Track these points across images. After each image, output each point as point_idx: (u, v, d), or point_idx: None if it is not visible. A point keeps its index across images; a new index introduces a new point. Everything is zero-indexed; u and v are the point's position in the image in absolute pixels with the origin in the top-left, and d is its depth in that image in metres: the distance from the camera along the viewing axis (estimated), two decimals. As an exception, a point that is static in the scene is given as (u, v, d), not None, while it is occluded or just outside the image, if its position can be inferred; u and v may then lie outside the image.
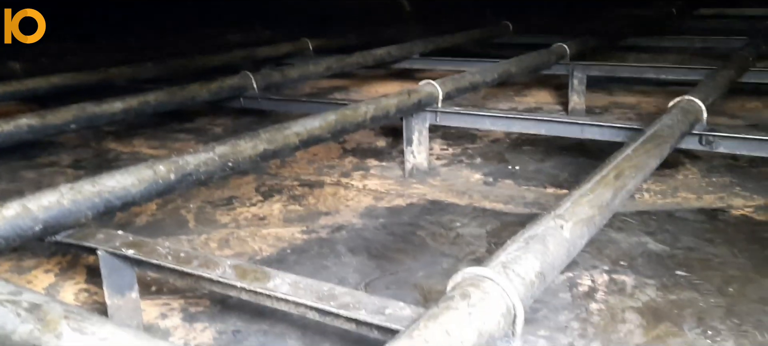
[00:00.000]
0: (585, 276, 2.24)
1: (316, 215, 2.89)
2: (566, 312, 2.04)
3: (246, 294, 1.64)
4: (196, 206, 3.01)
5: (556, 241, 1.59)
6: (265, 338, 1.96)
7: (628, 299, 2.09)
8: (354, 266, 2.39)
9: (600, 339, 1.89)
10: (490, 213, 2.86)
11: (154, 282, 2.29)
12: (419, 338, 1.16)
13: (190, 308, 2.14)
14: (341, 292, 1.54)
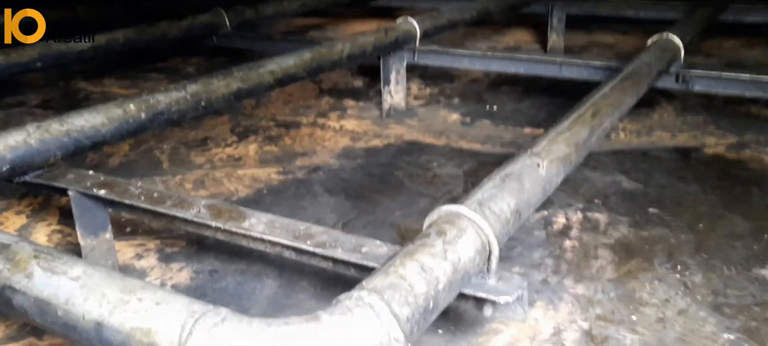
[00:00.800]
0: (560, 214, 2.27)
1: (292, 155, 2.86)
2: (541, 249, 2.07)
3: (221, 234, 1.62)
4: (169, 147, 2.96)
5: (532, 179, 1.59)
6: (242, 278, 1.96)
7: (601, 236, 2.13)
8: (331, 207, 2.39)
9: (573, 275, 1.92)
10: (468, 153, 2.86)
11: (129, 223, 2.27)
12: (395, 274, 1.16)
13: (166, 248, 2.13)
14: (318, 231, 1.54)
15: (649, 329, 1.68)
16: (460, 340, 1.67)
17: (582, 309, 1.77)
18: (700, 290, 1.83)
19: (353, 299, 1.09)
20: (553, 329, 1.70)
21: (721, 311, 1.74)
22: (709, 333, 1.66)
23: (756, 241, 2.06)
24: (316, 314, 1.05)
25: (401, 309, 1.10)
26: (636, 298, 1.81)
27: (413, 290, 1.15)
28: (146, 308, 1.06)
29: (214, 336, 0.99)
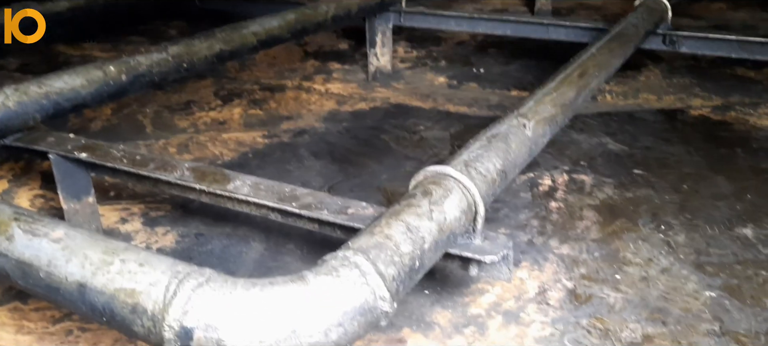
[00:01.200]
0: (546, 176, 2.28)
1: (277, 119, 2.83)
2: (526, 211, 2.08)
3: (206, 197, 1.61)
4: (152, 111, 2.92)
5: (518, 139, 1.58)
6: (228, 241, 1.95)
7: (587, 198, 2.14)
8: (317, 170, 2.38)
9: (558, 236, 1.94)
10: (454, 116, 2.85)
11: (113, 187, 2.24)
12: (380, 234, 1.16)
13: (150, 212, 2.11)
14: (303, 193, 1.53)
15: (633, 288, 1.70)
16: (446, 300, 1.68)
17: (567, 269, 1.79)
18: (683, 249, 1.85)
19: (339, 259, 1.09)
20: (537, 289, 1.72)
21: (704, 270, 1.76)
22: (691, 291, 1.68)
23: (739, 201, 2.08)
24: (301, 273, 1.05)
25: (387, 269, 1.10)
26: (620, 257, 1.83)
27: (399, 249, 1.15)
28: (129, 269, 1.05)
29: (198, 296, 0.98)
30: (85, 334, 1.59)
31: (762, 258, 1.80)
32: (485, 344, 1.54)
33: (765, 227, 1.94)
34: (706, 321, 1.58)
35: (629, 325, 1.58)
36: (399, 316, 1.62)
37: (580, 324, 1.59)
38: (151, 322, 1.00)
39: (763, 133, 2.56)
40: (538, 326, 1.59)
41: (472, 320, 1.61)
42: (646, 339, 1.53)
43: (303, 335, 0.98)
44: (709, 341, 1.51)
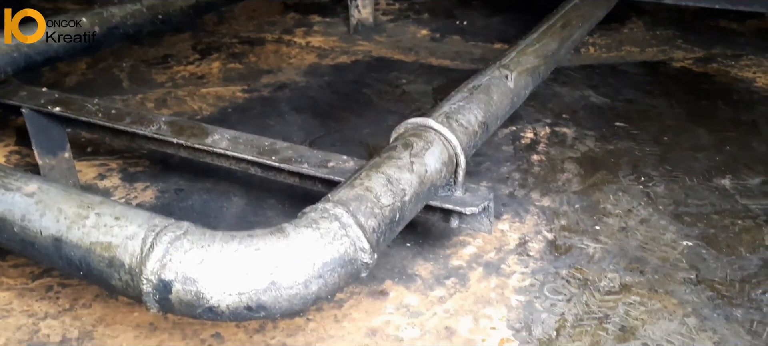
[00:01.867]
0: (528, 129, 2.27)
1: (257, 73, 2.79)
2: (508, 164, 2.08)
3: (184, 151, 1.59)
4: (129, 65, 2.85)
5: (500, 91, 1.57)
6: (208, 196, 1.94)
7: (568, 150, 2.14)
8: (298, 125, 2.35)
9: (539, 188, 1.94)
10: (437, 70, 2.82)
11: (90, 143, 2.20)
12: (361, 186, 1.15)
13: (129, 168, 2.08)
14: (283, 146, 1.51)
15: (612, 238, 1.72)
16: (428, 252, 1.69)
17: (547, 221, 1.80)
18: (662, 200, 1.86)
19: (319, 211, 1.08)
20: (518, 240, 1.73)
21: (682, 220, 1.78)
22: (669, 241, 1.71)
23: (718, 152, 2.10)
24: (281, 226, 1.04)
25: (367, 220, 1.10)
26: (600, 209, 1.84)
27: (379, 201, 1.15)
28: (105, 222, 1.04)
29: (176, 249, 0.98)
30: (66, 289, 1.58)
31: (739, 208, 1.82)
32: (466, 295, 1.55)
33: (743, 177, 1.96)
34: (683, 270, 1.60)
35: (608, 275, 1.60)
36: (381, 268, 1.62)
37: (559, 274, 1.60)
38: (129, 276, 1.00)
39: (744, 85, 2.57)
40: (518, 277, 1.60)
41: (453, 272, 1.62)
42: (624, 288, 1.55)
43: (283, 287, 0.98)
44: (685, 289, 1.54)
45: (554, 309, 1.50)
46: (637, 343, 1.40)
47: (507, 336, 1.43)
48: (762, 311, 1.48)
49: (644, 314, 1.48)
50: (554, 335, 1.43)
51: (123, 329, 1.46)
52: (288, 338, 1.42)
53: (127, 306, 1.52)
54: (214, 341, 1.42)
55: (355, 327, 1.46)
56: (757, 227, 1.75)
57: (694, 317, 1.46)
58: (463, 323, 1.47)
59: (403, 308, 1.51)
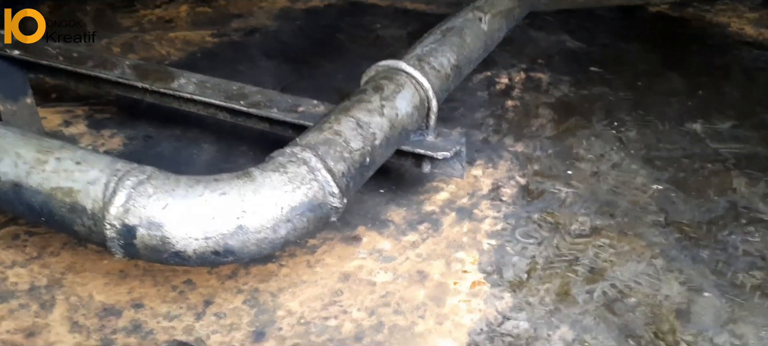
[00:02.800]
0: (503, 75, 2.25)
1: (227, 17, 2.71)
2: (483, 110, 2.06)
3: (150, 96, 1.55)
4: (94, 9, 2.75)
5: (473, 33, 1.55)
6: (178, 143, 1.90)
7: (543, 96, 2.13)
8: (270, 71, 2.30)
9: (513, 134, 1.94)
10: (412, 14, 2.77)
11: (55, 89, 2.13)
12: (330, 130, 1.13)
13: (95, 115, 2.03)
14: (252, 90, 1.48)
15: (584, 183, 1.73)
16: (401, 198, 1.69)
17: (520, 166, 1.80)
18: (634, 145, 1.87)
19: (286, 155, 1.06)
20: (491, 186, 1.73)
21: (653, 164, 1.79)
22: (639, 184, 1.72)
23: (691, 97, 2.11)
24: (247, 170, 1.02)
25: (336, 165, 1.08)
26: (573, 154, 1.85)
27: (349, 145, 1.13)
28: (65, 167, 1.01)
29: (139, 194, 0.95)
30: (33, 238, 1.55)
31: (709, 152, 1.84)
32: (439, 239, 1.55)
33: (714, 122, 1.98)
34: (653, 213, 1.63)
35: (579, 218, 1.61)
36: (354, 214, 1.62)
37: (531, 219, 1.62)
38: (92, 221, 0.97)
39: (718, 30, 2.57)
40: (490, 222, 1.61)
41: (426, 217, 1.63)
42: (594, 231, 1.57)
43: (250, 232, 0.97)
44: (653, 232, 1.56)
45: (525, 253, 1.51)
46: (606, 284, 1.42)
47: (479, 279, 1.45)
48: (727, 252, 1.51)
49: (613, 256, 1.50)
50: (525, 278, 1.45)
51: (92, 276, 1.44)
52: (260, 284, 1.42)
53: (97, 254, 1.50)
54: (185, 287, 1.41)
55: (328, 272, 1.46)
56: (725, 171, 1.77)
57: (662, 259, 1.49)
58: (435, 267, 1.48)
59: (375, 253, 1.51)
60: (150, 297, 1.38)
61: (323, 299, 1.38)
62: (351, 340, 1.29)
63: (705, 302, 1.38)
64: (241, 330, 1.31)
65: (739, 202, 1.66)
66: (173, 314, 1.34)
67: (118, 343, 1.28)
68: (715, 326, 1.32)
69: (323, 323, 1.33)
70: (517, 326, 1.33)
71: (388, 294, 1.40)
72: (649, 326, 1.32)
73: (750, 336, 1.30)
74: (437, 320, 1.34)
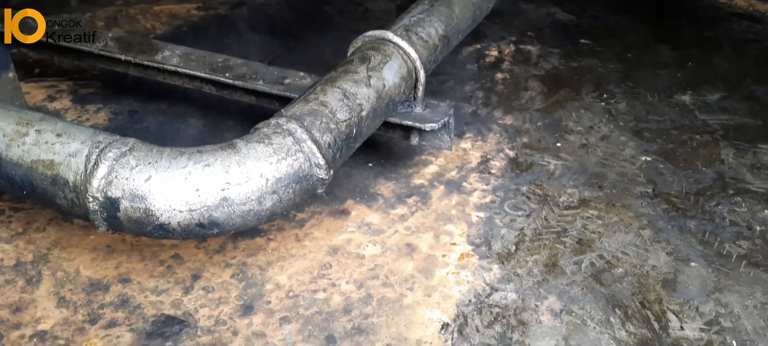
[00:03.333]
0: (492, 47, 2.24)
1: (214, -10, 2.67)
2: (472, 82, 2.05)
3: (134, 69, 1.52)
4: (77, -17, 2.70)
5: (462, 3, 1.53)
6: (164, 118, 1.88)
7: (532, 68, 2.12)
8: (257, 44, 2.27)
9: (502, 106, 1.93)
10: (402, -14, 2.74)
11: (38, 64, 2.10)
12: (315, 101, 1.12)
13: (80, 89, 2.00)
14: (237, 63, 1.46)
15: (572, 155, 1.73)
16: (390, 172, 1.68)
17: (510, 139, 1.80)
18: (624, 117, 1.87)
19: (271, 126, 1.05)
20: (480, 158, 1.72)
21: (641, 136, 1.79)
22: (628, 156, 1.72)
23: (680, 69, 2.11)
24: (232, 142, 1.01)
25: (322, 136, 1.07)
26: (562, 126, 1.84)
27: (335, 116, 1.12)
28: (46, 139, 0.99)
29: (122, 166, 0.94)
30: (18, 214, 1.54)
31: (697, 123, 1.84)
32: (427, 212, 1.55)
33: (703, 93, 1.97)
34: (641, 184, 1.63)
35: (567, 190, 1.61)
36: (342, 188, 1.61)
37: (520, 191, 1.61)
38: (74, 194, 0.96)
39: (709, 2, 2.55)
40: (479, 194, 1.61)
41: (415, 191, 1.62)
42: (582, 203, 1.57)
43: (235, 203, 0.96)
44: (641, 203, 1.57)
45: (514, 225, 1.52)
46: (594, 255, 1.43)
47: (467, 251, 1.45)
48: (714, 222, 1.51)
49: (601, 227, 1.50)
50: (513, 249, 1.45)
51: (79, 251, 1.43)
52: (248, 258, 1.41)
53: (83, 229, 1.49)
54: (173, 262, 1.40)
55: (317, 246, 1.45)
56: (714, 142, 1.77)
57: (650, 229, 1.49)
58: (424, 239, 1.48)
59: (364, 227, 1.51)
60: (137, 272, 1.37)
61: (312, 272, 1.38)
62: (340, 312, 1.29)
63: (691, 271, 1.39)
64: (230, 304, 1.31)
65: (726, 173, 1.67)
66: (161, 289, 1.34)
67: (105, 318, 1.28)
68: (701, 295, 1.33)
69: (312, 296, 1.33)
70: (505, 297, 1.33)
71: (377, 267, 1.40)
72: (635, 296, 1.33)
73: (735, 305, 1.31)
74: (426, 292, 1.34)
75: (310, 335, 1.25)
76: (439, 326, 1.27)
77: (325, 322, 1.27)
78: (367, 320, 1.28)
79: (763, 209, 1.55)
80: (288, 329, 1.26)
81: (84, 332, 1.25)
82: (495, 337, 1.25)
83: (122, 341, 1.23)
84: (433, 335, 1.25)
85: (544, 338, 1.24)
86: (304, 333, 1.25)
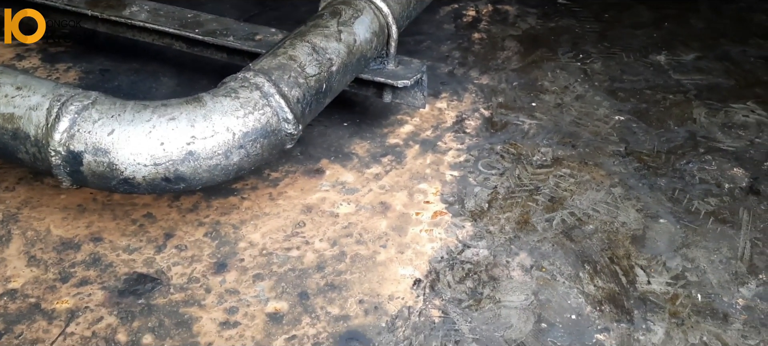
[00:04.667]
0: (470, 7, 2.22)
1: (188, -53, 2.60)
2: (449, 42, 2.04)
3: (102, 25, 1.49)
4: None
5: (436, -40, 1.51)
6: (136, 77, 1.85)
7: (510, 28, 2.11)
8: (232, 3, 2.23)
9: (479, 66, 1.92)
10: (380, -54, 2.69)
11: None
12: (284, 55, 1.11)
13: (49, 48, 1.95)
14: (207, 19, 1.43)
15: (547, 114, 1.73)
16: (365, 131, 1.67)
17: (485, 98, 1.80)
18: (599, 77, 1.88)
19: (238, 80, 1.04)
20: (455, 118, 1.72)
21: (616, 95, 1.80)
22: (602, 116, 1.73)
23: (657, 29, 2.11)
24: (197, 96, 1.00)
25: (291, 90, 1.06)
26: (537, 86, 1.84)
27: (304, 71, 1.11)
28: (6, 93, 0.97)
29: (84, 119, 0.93)
30: (-14, 174, 1.52)
31: (671, 83, 1.85)
32: (402, 172, 1.55)
33: (678, 53, 1.98)
34: (613, 143, 1.64)
35: (541, 149, 1.62)
36: (317, 147, 1.60)
37: (494, 150, 1.62)
38: (36, 148, 0.95)
39: (688, -37, 2.55)
40: (454, 153, 1.61)
41: (389, 150, 1.62)
42: (555, 162, 1.58)
43: (202, 158, 0.95)
44: (613, 161, 1.58)
45: (487, 183, 1.52)
46: (565, 212, 1.44)
47: (440, 209, 1.45)
48: (684, 180, 1.53)
49: (573, 185, 1.51)
50: (486, 207, 1.46)
51: (49, 211, 1.42)
52: (222, 217, 1.41)
53: (54, 189, 1.47)
54: (145, 221, 1.40)
55: (291, 204, 1.45)
56: (687, 101, 1.79)
57: (621, 187, 1.51)
58: (398, 198, 1.48)
59: (339, 186, 1.51)
60: (109, 231, 1.37)
61: (285, 230, 1.38)
62: (313, 270, 1.30)
63: (660, 228, 1.41)
64: (203, 262, 1.31)
65: (698, 131, 1.68)
66: (133, 247, 1.33)
67: (76, 276, 1.27)
68: (668, 250, 1.35)
69: (285, 254, 1.33)
70: (476, 254, 1.34)
71: (351, 225, 1.40)
72: (605, 252, 1.35)
73: (701, 259, 1.33)
74: (399, 249, 1.35)
75: (283, 291, 1.26)
76: (412, 282, 1.28)
77: (299, 279, 1.28)
78: (340, 277, 1.29)
79: (733, 167, 1.57)
80: (261, 285, 1.26)
81: (55, 290, 1.25)
82: (466, 292, 1.26)
83: (94, 299, 1.23)
84: (405, 290, 1.26)
85: (515, 293, 1.26)
86: (278, 290, 1.26)
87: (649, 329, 1.18)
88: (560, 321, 1.20)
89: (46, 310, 1.20)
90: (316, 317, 1.21)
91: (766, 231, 1.39)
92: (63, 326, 1.18)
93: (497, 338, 1.17)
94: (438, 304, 1.23)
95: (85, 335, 1.16)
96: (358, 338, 1.17)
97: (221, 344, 1.15)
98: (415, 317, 1.21)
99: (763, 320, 1.20)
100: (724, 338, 1.17)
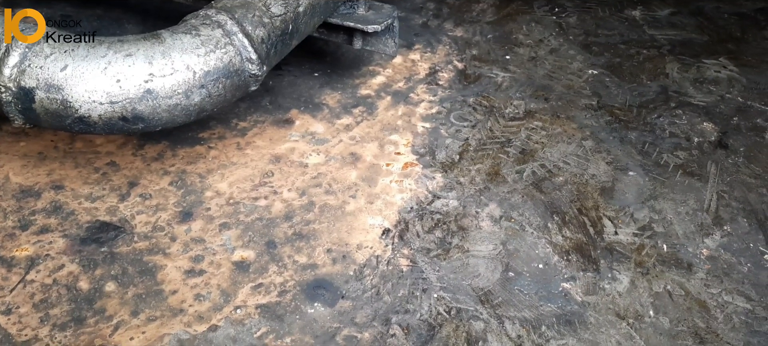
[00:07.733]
0: (447, -41, 2.18)
1: None
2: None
3: (61, -34, 1.42)
4: None
5: None
6: (99, 23, 1.78)
7: (486, -19, 2.08)
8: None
9: (453, 19, 1.89)
10: None
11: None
12: (249, -6, 1.07)
13: (8, -7, 1.88)
14: (172, -40, 1.38)
15: (521, 67, 1.72)
16: (337, 82, 1.65)
17: (459, 51, 1.77)
18: (573, 31, 1.86)
19: (200, 18, 1.00)
20: (428, 70, 1.70)
21: (590, 49, 1.79)
22: (575, 69, 1.72)
23: (632, -16, 2.09)
24: (156, 32, 0.96)
25: (255, 30, 1.03)
26: (512, 39, 1.82)
27: (269, 10, 1.07)
28: (-48, 27, 0.93)
29: (35, 54, 0.88)
30: (-59, 121, 1.46)
31: (646, 38, 1.85)
32: (373, 123, 1.53)
33: (653, 8, 1.97)
34: (586, 97, 1.63)
35: (514, 102, 1.61)
36: (286, 97, 1.57)
37: (466, 102, 1.60)
38: (-15, 85, 0.90)
39: None
40: (426, 105, 1.59)
41: (361, 101, 1.59)
42: (527, 114, 1.57)
43: (160, 97, 0.92)
44: (585, 115, 1.57)
45: (459, 135, 1.51)
46: (536, 164, 1.44)
47: (411, 160, 1.44)
48: (654, 133, 1.53)
49: (545, 138, 1.51)
50: (457, 159, 1.44)
51: (8, 158, 1.37)
52: (188, 166, 1.38)
53: (13, 136, 1.42)
54: (109, 169, 1.36)
55: (259, 154, 1.42)
56: (660, 56, 1.78)
57: (591, 140, 1.51)
58: (368, 149, 1.46)
59: (308, 136, 1.48)
60: (71, 179, 1.33)
61: (253, 180, 1.36)
62: (281, 219, 1.28)
63: (629, 180, 1.41)
64: (168, 211, 1.28)
65: (670, 86, 1.68)
66: (96, 196, 1.30)
67: (37, 224, 1.24)
68: (636, 202, 1.36)
69: (253, 203, 1.31)
70: (446, 205, 1.34)
71: (320, 175, 1.38)
72: (574, 203, 1.35)
73: (668, 211, 1.34)
74: (368, 200, 1.34)
75: (250, 240, 1.24)
76: (381, 231, 1.27)
77: (266, 228, 1.26)
78: (309, 226, 1.27)
79: (702, 122, 1.57)
80: (228, 234, 1.24)
81: (14, 238, 1.21)
82: (435, 242, 1.25)
83: (55, 247, 1.20)
84: (373, 240, 1.25)
85: (483, 243, 1.26)
86: (245, 239, 1.24)
87: (615, 278, 1.19)
88: (527, 270, 1.20)
89: (6, 257, 1.17)
90: (283, 265, 1.19)
91: (732, 184, 1.40)
92: (23, 274, 1.15)
93: (465, 286, 1.17)
94: (406, 253, 1.23)
95: (46, 283, 1.13)
96: (326, 287, 1.16)
97: (186, 292, 1.14)
98: (383, 265, 1.20)
99: (725, 269, 1.22)
100: (687, 287, 1.19)
